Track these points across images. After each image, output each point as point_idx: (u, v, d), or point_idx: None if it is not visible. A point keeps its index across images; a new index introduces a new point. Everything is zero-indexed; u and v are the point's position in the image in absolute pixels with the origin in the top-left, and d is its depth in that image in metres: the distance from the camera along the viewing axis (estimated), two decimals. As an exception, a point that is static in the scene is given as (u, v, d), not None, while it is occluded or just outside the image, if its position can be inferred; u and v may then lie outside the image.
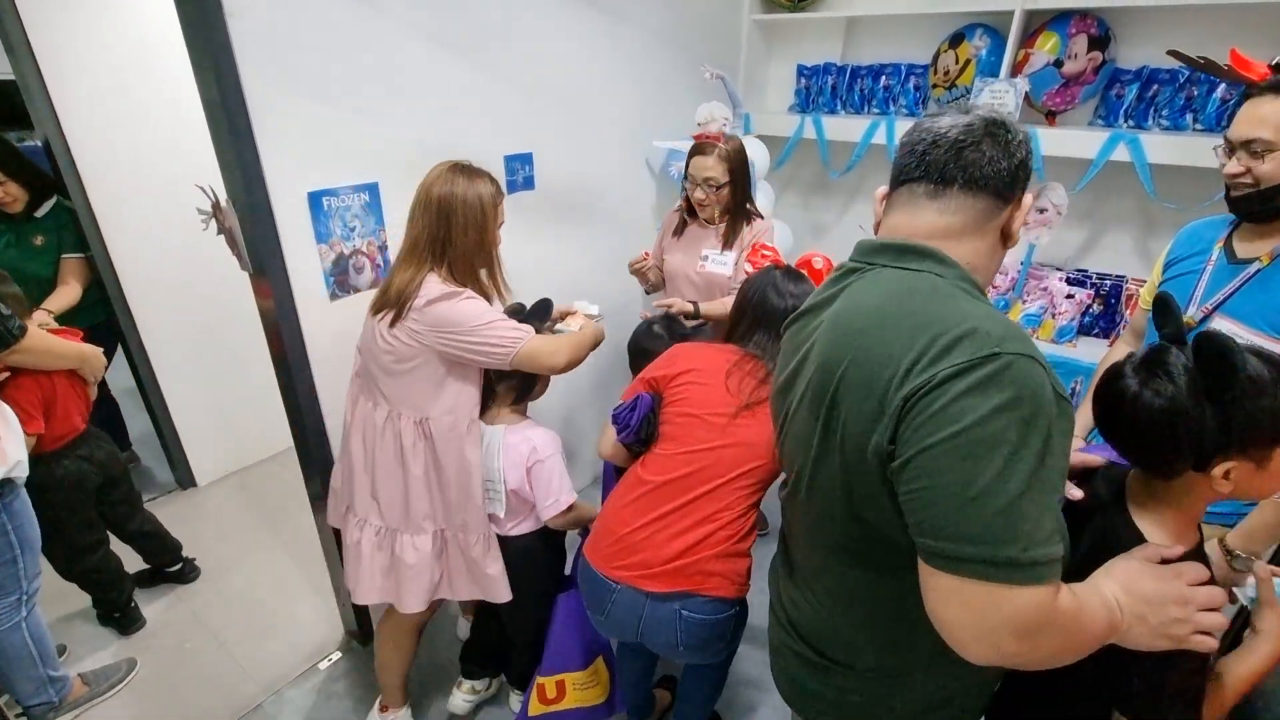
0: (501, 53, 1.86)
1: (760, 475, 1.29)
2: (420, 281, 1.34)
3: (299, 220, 1.51)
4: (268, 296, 1.53)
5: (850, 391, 0.77)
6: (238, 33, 1.32)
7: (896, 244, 0.82)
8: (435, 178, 1.36)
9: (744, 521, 1.29)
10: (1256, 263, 1.19)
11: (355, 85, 1.55)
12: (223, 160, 1.42)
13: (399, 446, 1.44)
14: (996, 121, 0.78)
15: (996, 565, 0.64)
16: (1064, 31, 2.23)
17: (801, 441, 0.88)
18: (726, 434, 1.29)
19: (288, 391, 1.66)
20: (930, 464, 0.67)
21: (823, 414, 0.81)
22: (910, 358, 0.70)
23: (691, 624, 1.27)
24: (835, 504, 0.84)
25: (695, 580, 1.25)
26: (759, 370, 1.33)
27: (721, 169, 1.87)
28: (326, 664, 1.99)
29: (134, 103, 2.29)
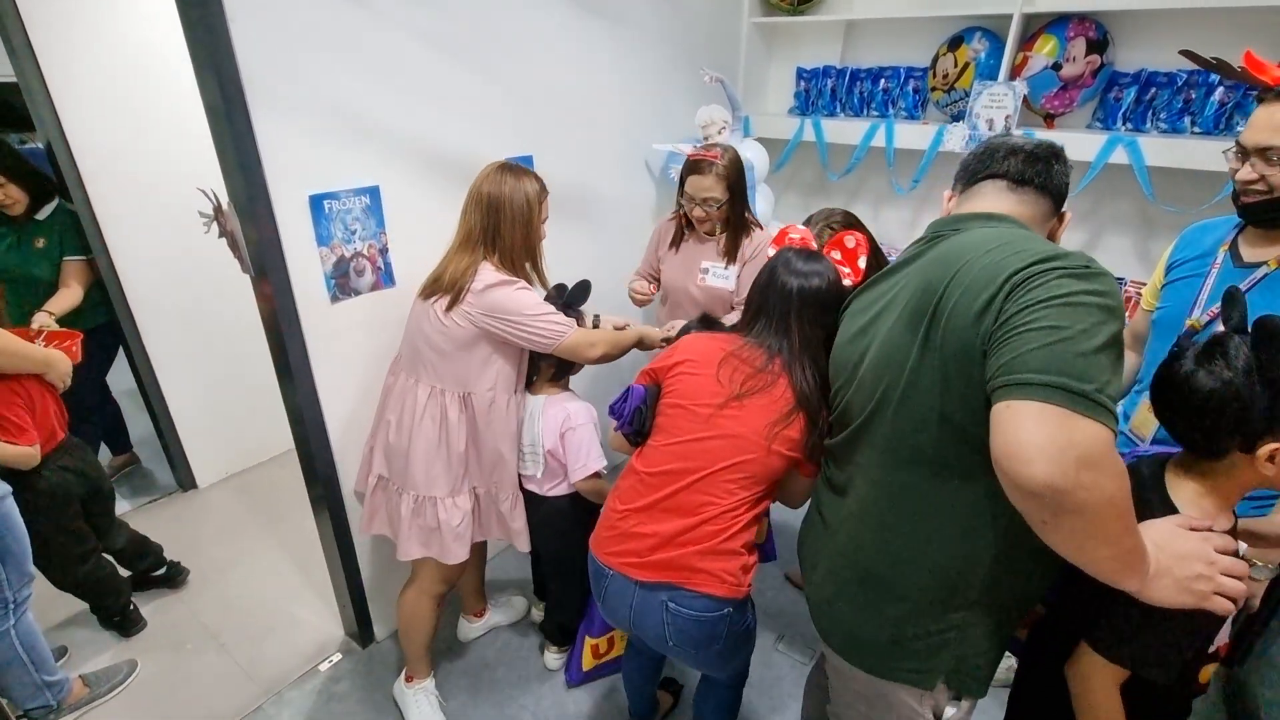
0: (502, 56, 1.87)
1: (752, 470, 1.24)
2: (475, 269, 1.48)
3: (300, 223, 1.52)
4: (269, 299, 1.54)
5: (956, 297, 0.86)
6: (239, 36, 1.33)
7: (983, 213, 0.97)
8: (484, 177, 1.51)
9: (734, 518, 1.24)
10: (1264, 267, 1.18)
11: (356, 89, 1.55)
12: (224, 163, 1.43)
13: (443, 421, 1.56)
14: (1059, 150, 1.00)
15: (1076, 395, 0.72)
16: (1062, 35, 2.23)
17: (893, 360, 0.95)
18: (712, 425, 1.25)
19: (289, 394, 1.67)
20: (1028, 316, 0.77)
21: (924, 325, 0.90)
22: (1017, 264, 0.81)
23: (678, 618, 1.25)
24: (928, 410, 0.91)
25: (681, 574, 1.24)
26: (756, 358, 1.27)
27: (720, 187, 1.82)
28: (327, 665, 2.00)
29: (136, 105, 2.30)
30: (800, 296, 1.25)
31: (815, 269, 1.27)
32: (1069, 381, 0.73)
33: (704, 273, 1.97)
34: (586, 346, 1.57)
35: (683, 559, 1.23)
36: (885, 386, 0.97)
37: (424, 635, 1.78)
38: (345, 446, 1.78)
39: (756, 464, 1.24)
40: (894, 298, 1.00)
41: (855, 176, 2.85)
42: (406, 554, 1.63)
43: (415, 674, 1.82)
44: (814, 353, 1.26)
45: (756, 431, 1.23)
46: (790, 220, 3.04)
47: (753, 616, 1.36)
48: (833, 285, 1.26)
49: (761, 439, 1.22)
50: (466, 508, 1.64)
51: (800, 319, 1.26)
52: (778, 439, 1.22)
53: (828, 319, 1.25)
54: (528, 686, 1.94)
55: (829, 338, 1.23)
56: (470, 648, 2.08)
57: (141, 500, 2.71)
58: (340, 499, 1.82)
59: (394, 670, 1.97)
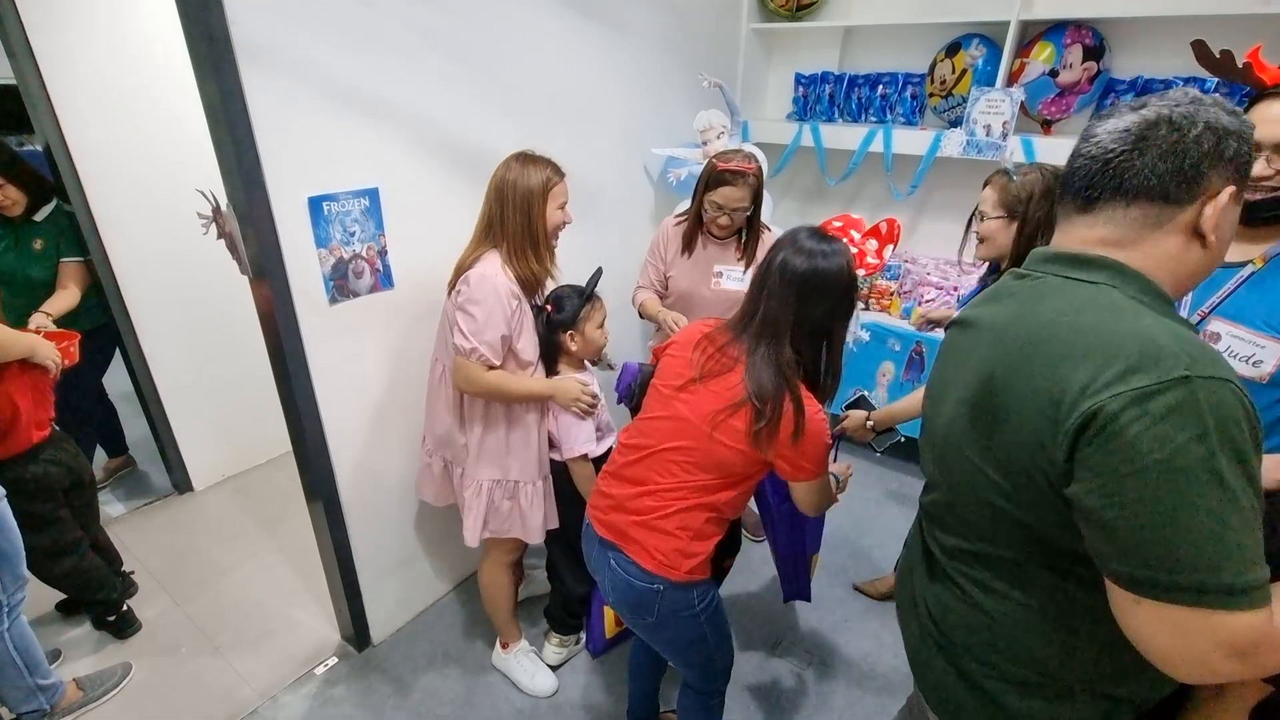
0: (503, 60, 1.87)
1: (694, 456, 1.22)
2: (479, 257, 1.52)
3: (299, 225, 1.52)
4: (267, 301, 1.54)
5: (1016, 406, 0.75)
6: (240, 38, 1.33)
7: (1069, 254, 0.79)
8: (501, 164, 1.54)
9: (671, 498, 1.24)
10: (1250, 265, 1.20)
11: (357, 91, 1.56)
12: (224, 165, 1.43)
13: (459, 404, 1.62)
14: (1155, 123, 0.72)
15: (1210, 592, 0.62)
16: (1059, 42, 2.25)
17: (955, 449, 0.86)
18: (667, 406, 1.27)
19: (286, 396, 1.67)
20: (1127, 493, 0.64)
21: (982, 425, 0.80)
22: (1086, 377, 0.67)
23: (616, 576, 1.30)
24: (994, 511, 0.81)
25: (620, 538, 1.30)
26: (722, 338, 1.24)
27: (750, 197, 1.87)
28: (323, 669, 1.99)
29: (135, 108, 2.30)
30: (798, 276, 1.17)
31: (822, 248, 1.18)
32: (1200, 578, 0.62)
33: (718, 276, 1.99)
34: (463, 379, 1.54)
35: (622, 524, 1.30)
36: (952, 473, 0.88)
37: (508, 602, 1.88)
38: (342, 449, 1.77)
39: (699, 451, 1.22)
40: (964, 363, 0.87)
41: (853, 182, 2.86)
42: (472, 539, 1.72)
43: (509, 639, 1.93)
44: (807, 338, 1.20)
45: (701, 416, 1.21)
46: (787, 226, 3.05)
47: (703, 610, 1.32)
48: (838, 269, 1.17)
49: (704, 424, 1.20)
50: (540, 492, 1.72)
51: (795, 300, 1.18)
52: (721, 428, 1.19)
53: (829, 304, 1.18)
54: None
55: (832, 323, 1.20)
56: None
57: (137, 503, 2.70)
58: (337, 501, 1.82)
59: (390, 674, 1.97)
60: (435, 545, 2.16)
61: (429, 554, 2.15)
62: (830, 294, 1.18)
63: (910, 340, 2.56)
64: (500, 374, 1.56)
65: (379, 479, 1.91)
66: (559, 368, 1.73)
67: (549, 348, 1.68)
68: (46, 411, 1.82)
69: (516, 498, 1.70)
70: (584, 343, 1.70)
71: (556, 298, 1.67)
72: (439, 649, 2.06)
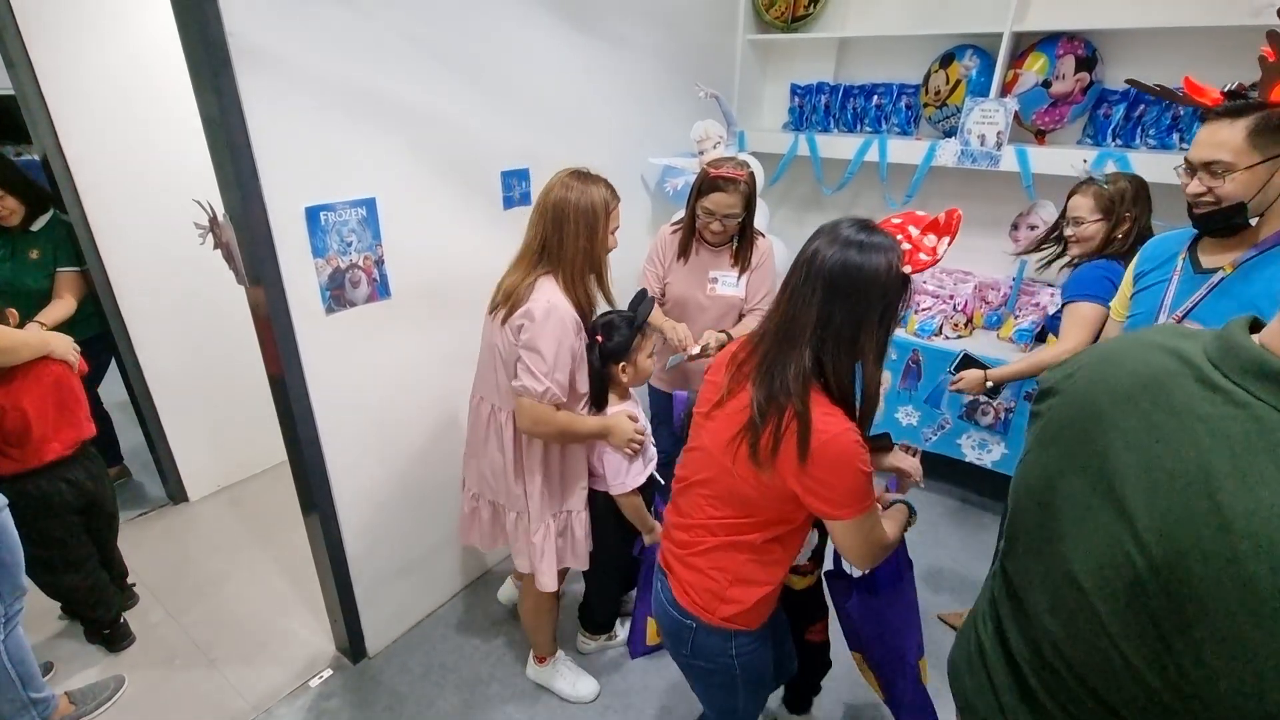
0: (500, 69, 1.88)
1: (717, 490, 1.11)
2: (532, 285, 1.41)
3: (296, 235, 1.52)
4: (263, 310, 1.53)
5: (1222, 631, 0.54)
6: (238, 51, 1.34)
7: (1265, 366, 0.56)
8: (553, 183, 1.43)
9: (703, 534, 1.14)
10: (1220, 272, 1.25)
11: (354, 102, 1.56)
12: (221, 175, 1.43)
13: (501, 441, 1.57)
14: None
15: None
16: (1052, 53, 2.27)
17: (1097, 613, 0.64)
18: (697, 435, 1.17)
19: (282, 406, 1.66)
20: None
21: (1151, 621, 0.59)
22: None
23: (659, 600, 1.27)
24: (1145, 700, 0.63)
25: (666, 564, 1.26)
26: (743, 351, 1.10)
27: (742, 203, 1.88)
28: (318, 681, 1.97)
29: (133, 118, 2.31)
30: (825, 269, 0.99)
31: (860, 239, 1.00)
32: None
33: (713, 282, 2.01)
34: (530, 421, 1.44)
35: (667, 553, 1.26)
36: (1087, 643, 0.67)
37: (551, 621, 1.88)
38: (338, 459, 1.77)
39: (719, 484, 1.11)
40: (1107, 490, 0.64)
41: (849, 191, 2.87)
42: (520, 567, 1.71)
43: (546, 654, 1.93)
44: (833, 346, 1.00)
45: (718, 445, 1.09)
46: (784, 235, 3.06)
47: (738, 659, 1.21)
48: (875, 265, 0.98)
49: (721, 454, 1.08)
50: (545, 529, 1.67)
51: (820, 297, 0.99)
52: (737, 457, 1.05)
53: (859, 305, 0.98)
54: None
55: (860, 330, 1.00)
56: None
57: (132, 513, 2.68)
58: (333, 512, 1.81)
59: (386, 686, 1.95)
60: (431, 557, 2.15)
61: (425, 565, 2.14)
62: (862, 293, 0.98)
63: (907, 349, 2.56)
64: (568, 414, 1.47)
65: (376, 490, 1.90)
66: (609, 398, 1.65)
67: (599, 379, 1.58)
68: (74, 429, 1.81)
69: (571, 528, 1.69)
70: (635, 373, 1.63)
71: (605, 325, 1.56)
72: (435, 661, 2.04)
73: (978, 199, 2.66)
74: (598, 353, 1.54)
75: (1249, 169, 1.14)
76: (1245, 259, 1.22)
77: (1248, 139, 1.14)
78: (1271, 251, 1.19)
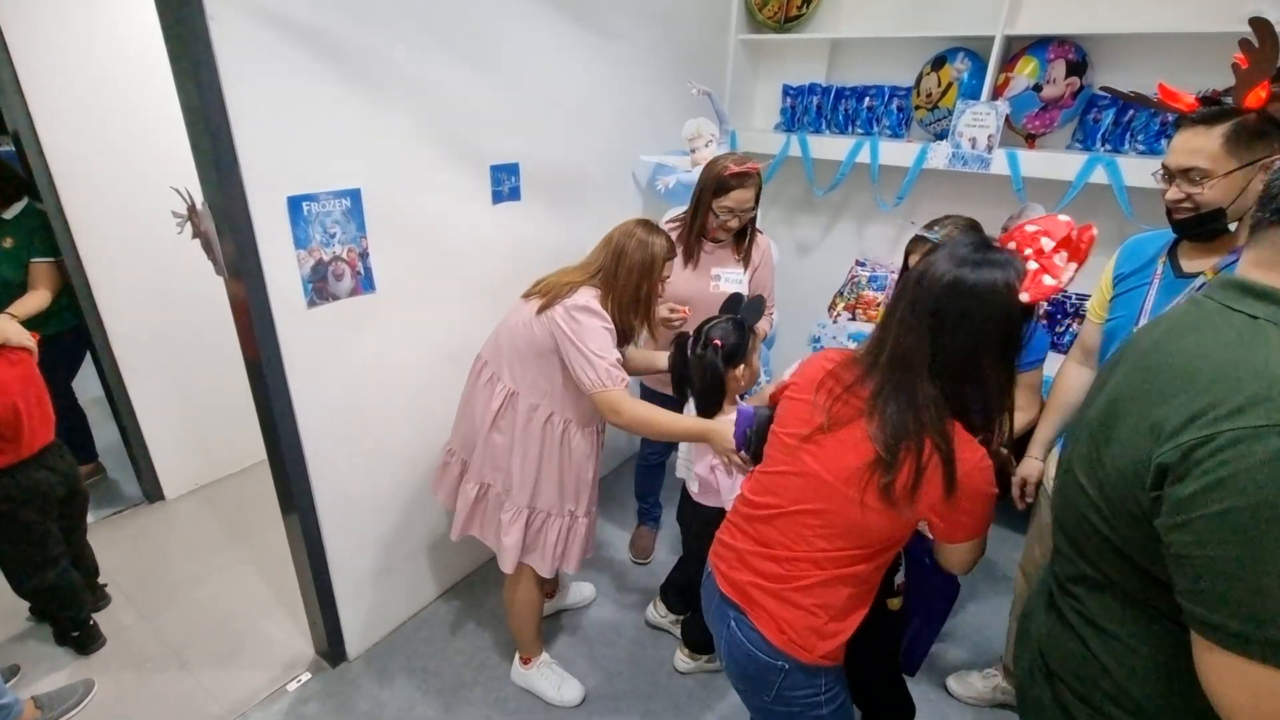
0: (490, 63, 1.85)
1: (833, 521, 1.03)
2: (578, 287, 1.53)
3: (277, 225, 1.48)
4: (243, 303, 1.49)
5: (1126, 432, 0.73)
6: (219, 35, 1.30)
7: (1242, 281, 0.74)
8: (621, 227, 1.60)
9: (810, 569, 1.06)
10: (1201, 277, 1.26)
11: (340, 92, 1.52)
12: (200, 163, 1.39)
13: (513, 428, 1.60)
14: None
15: (1269, 644, 0.59)
16: (1043, 57, 2.28)
17: (1067, 464, 0.84)
18: (794, 460, 1.08)
19: (262, 402, 1.62)
20: (1214, 532, 0.62)
21: (1095, 446, 0.78)
22: (1196, 408, 0.65)
23: (735, 640, 1.15)
24: (1096, 535, 0.78)
25: (743, 598, 1.14)
26: (849, 375, 1.03)
27: (756, 196, 1.90)
28: (295, 685, 1.92)
29: (111, 104, 2.25)
30: (933, 295, 0.91)
31: (975, 257, 0.91)
32: (1275, 634, 0.59)
33: (716, 279, 2.01)
34: (610, 411, 1.50)
35: (746, 584, 1.13)
36: (1065, 491, 0.86)
37: (537, 619, 1.87)
38: (319, 457, 1.72)
39: (837, 515, 1.03)
40: (1110, 377, 0.84)
41: (840, 192, 2.87)
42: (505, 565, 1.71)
43: (531, 654, 1.91)
44: (950, 376, 0.94)
45: (838, 475, 1.01)
46: (775, 236, 3.04)
47: (828, 701, 1.13)
48: (990, 287, 0.90)
49: (844, 485, 1.00)
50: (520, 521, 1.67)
51: (929, 327, 0.93)
52: (868, 489, 0.98)
53: (974, 334, 0.92)
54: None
55: (980, 359, 0.93)
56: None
57: (106, 512, 2.61)
58: (314, 512, 1.76)
59: (366, 690, 1.90)
60: (414, 557, 2.11)
61: (407, 566, 2.10)
62: (977, 320, 0.91)
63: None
64: (650, 407, 1.53)
65: (357, 489, 1.86)
66: (725, 407, 1.58)
67: (716, 387, 1.53)
68: (46, 411, 1.79)
69: (574, 530, 1.71)
70: (749, 376, 1.58)
71: (718, 330, 1.54)
72: (417, 664, 2.00)
73: (968, 202, 2.66)
74: (720, 356, 1.51)
75: (1226, 175, 1.15)
76: (1225, 264, 1.23)
77: (1224, 145, 1.15)
78: None
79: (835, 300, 2.83)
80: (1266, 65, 1.12)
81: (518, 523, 1.66)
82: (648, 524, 2.53)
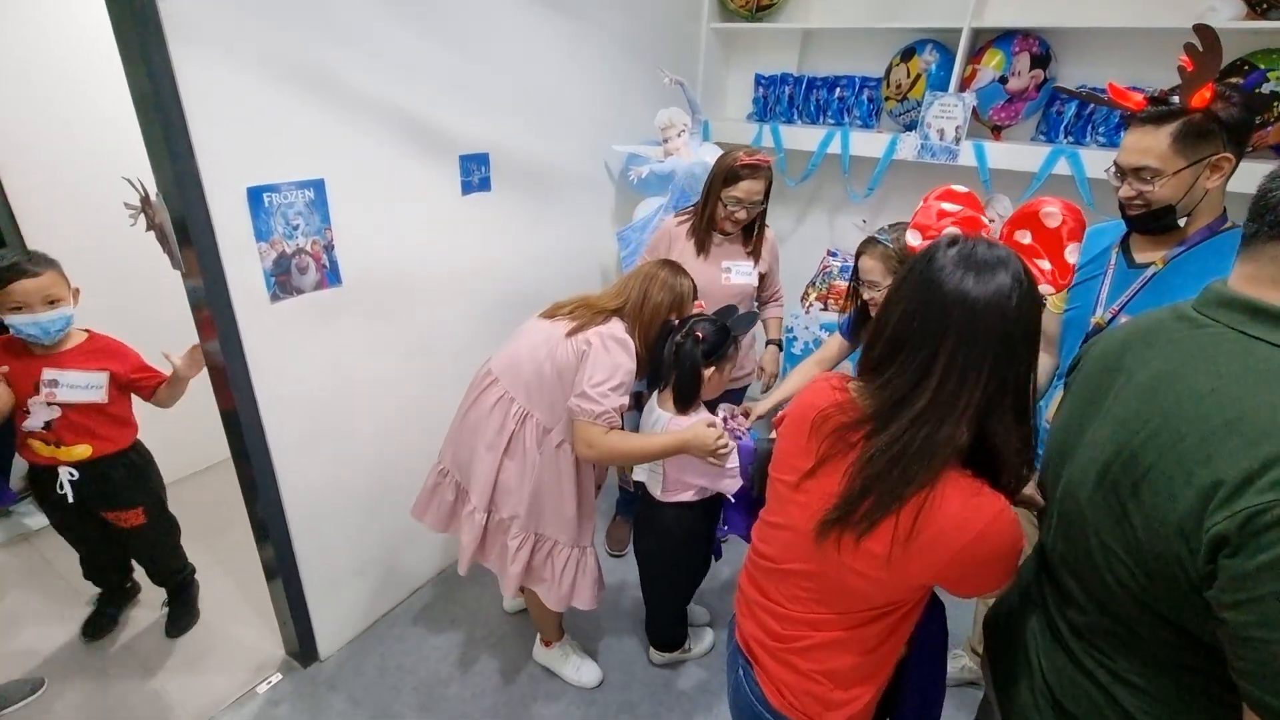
0: (459, 51, 1.81)
1: (819, 586, 0.93)
2: (610, 317, 1.55)
3: (237, 217, 1.43)
4: (202, 297, 1.44)
5: (1161, 486, 0.65)
6: (170, 17, 1.24)
7: (1251, 302, 0.66)
8: (646, 267, 1.64)
9: (806, 631, 0.96)
10: (1152, 267, 1.30)
11: (302, 77, 1.47)
12: (153, 153, 1.34)
13: (521, 451, 1.58)
14: None
15: None
16: (1008, 49, 2.31)
17: (1078, 515, 0.76)
18: (784, 510, 0.97)
19: (223, 399, 1.57)
20: (1257, 609, 0.56)
21: (1116, 500, 0.70)
22: (1250, 466, 0.58)
23: (741, 689, 1.08)
24: (1124, 592, 0.71)
25: (749, 651, 1.07)
26: (843, 416, 0.88)
27: (765, 188, 1.91)
28: (266, 688, 1.88)
29: (57, 93, 2.14)
30: (964, 309, 0.77)
31: (1000, 256, 0.79)
32: None
33: (726, 272, 2.01)
34: (585, 444, 1.48)
35: (749, 637, 1.06)
36: (1075, 538, 0.77)
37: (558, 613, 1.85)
38: (285, 454, 1.68)
39: (827, 578, 0.92)
40: (1105, 411, 0.77)
41: (812, 183, 2.88)
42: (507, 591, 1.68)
43: (552, 638, 1.94)
44: (979, 403, 0.79)
45: (814, 528, 0.89)
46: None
47: None
48: (1021, 296, 0.78)
49: (822, 539, 0.88)
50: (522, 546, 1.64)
51: (958, 350, 0.78)
52: (845, 548, 0.85)
53: (1012, 348, 0.79)
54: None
55: (1015, 377, 0.80)
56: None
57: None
58: (281, 510, 1.72)
59: (339, 690, 1.88)
60: (386, 555, 2.08)
61: (380, 564, 2.07)
62: (992, 337, 0.78)
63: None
64: (622, 435, 1.50)
65: (326, 487, 1.82)
66: (663, 399, 1.60)
67: (692, 380, 1.52)
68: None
69: (583, 562, 1.69)
70: (718, 384, 1.58)
71: (701, 324, 1.54)
72: (391, 662, 1.98)
73: (936, 193, 2.70)
74: (700, 350, 1.50)
75: (1175, 174, 1.19)
76: (1174, 255, 1.28)
77: (1172, 145, 1.18)
78: (1198, 247, 1.26)
79: (808, 290, 2.84)
80: (1210, 68, 1.15)
81: (524, 549, 1.62)
82: (625, 515, 2.53)
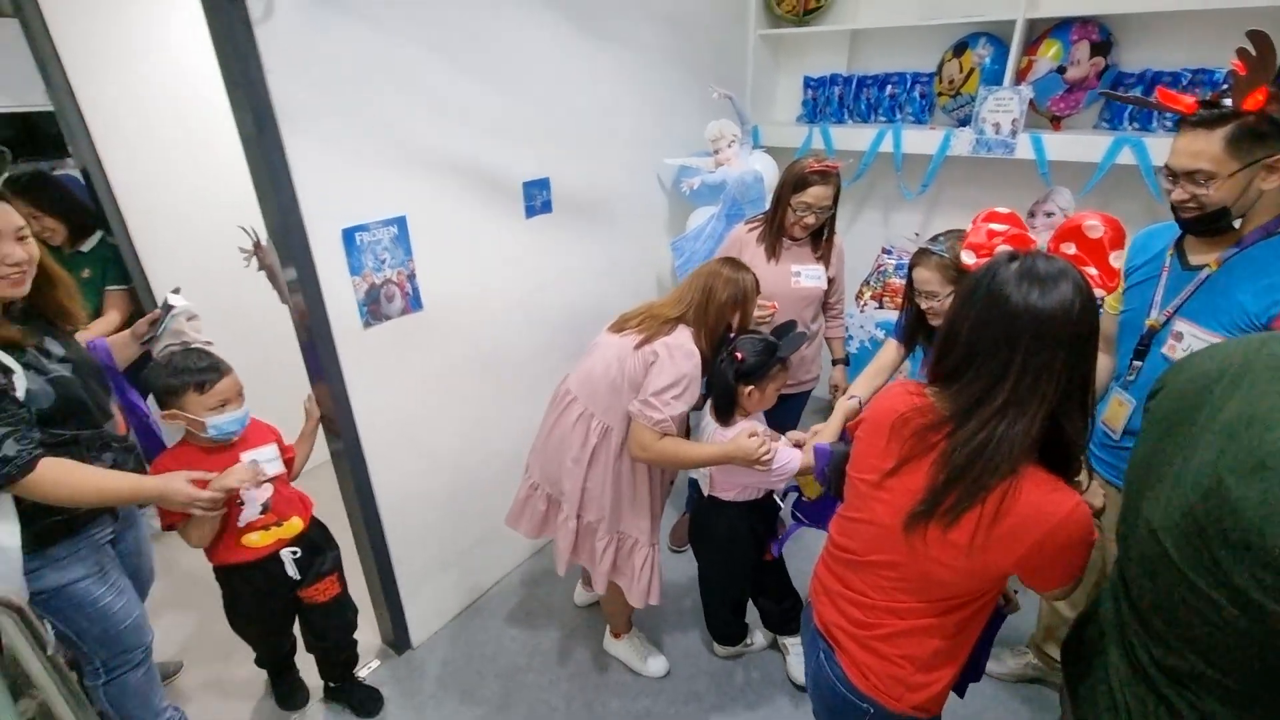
0: (517, 84, 1.94)
1: (904, 574, 0.98)
2: (673, 327, 1.59)
3: (334, 255, 1.60)
4: (306, 327, 1.63)
5: (1265, 529, 0.61)
6: (277, 88, 1.40)
7: None
8: (707, 266, 1.68)
9: (889, 618, 1.01)
10: (1206, 269, 1.30)
11: (384, 120, 1.63)
12: (263, 202, 1.52)
13: (591, 451, 1.66)
14: None
15: None
16: (1066, 38, 2.26)
17: (1168, 563, 0.72)
18: (865, 505, 1.03)
19: (326, 414, 1.76)
20: None
21: (1209, 550, 0.66)
22: None
23: (822, 671, 1.13)
24: (1226, 639, 0.68)
25: (830, 635, 1.12)
26: (921, 419, 0.94)
27: (833, 194, 1.97)
28: (366, 673, 2.08)
29: (171, 138, 2.40)
30: (1033, 319, 0.84)
31: (1059, 268, 0.86)
32: None
33: (796, 275, 2.08)
34: (638, 446, 1.55)
35: (830, 622, 1.12)
36: (1164, 587, 0.74)
37: (629, 606, 1.91)
38: (379, 460, 1.87)
39: (907, 569, 0.98)
40: (1187, 453, 0.73)
41: (864, 182, 2.89)
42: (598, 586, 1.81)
43: (621, 630, 2.07)
44: (1052, 398, 0.85)
45: (900, 523, 0.95)
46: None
47: None
48: (1082, 302, 0.85)
49: (909, 534, 0.94)
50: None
51: (1030, 355, 0.84)
52: (930, 539, 0.91)
53: (1079, 348, 0.86)
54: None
55: (1072, 377, 0.86)
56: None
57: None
58: (375, 510, 1.91)
59: (432, 676, 2.06)
60: (469, 553, 2.25)
61: (463, 561, 2.25)
62: (1061, 339, 0.84)
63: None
64: (673, 440, 1.55)
65: (415, 491, 2.00)
66: (735, 419, 1.64)
67: (726, 396, 1.59)
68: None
69: (652, 559, 1.77)
70: (761, 401, 1.62)
71: (745, 344, 1.59)
72: (476, 651, 2.15)
73: (993, 187, 2.67)
74: (734, 370, 1.57)
75: (1230, 177, 1.18)
76: (1229, 256, 1.27)
77: (1226, 148, 1.18)
78: (1253, 248, 1.25)
79: (862, 289, 2.86)
80: (1264, 72, 1.14)
81: (610, 549, 1.75)
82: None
